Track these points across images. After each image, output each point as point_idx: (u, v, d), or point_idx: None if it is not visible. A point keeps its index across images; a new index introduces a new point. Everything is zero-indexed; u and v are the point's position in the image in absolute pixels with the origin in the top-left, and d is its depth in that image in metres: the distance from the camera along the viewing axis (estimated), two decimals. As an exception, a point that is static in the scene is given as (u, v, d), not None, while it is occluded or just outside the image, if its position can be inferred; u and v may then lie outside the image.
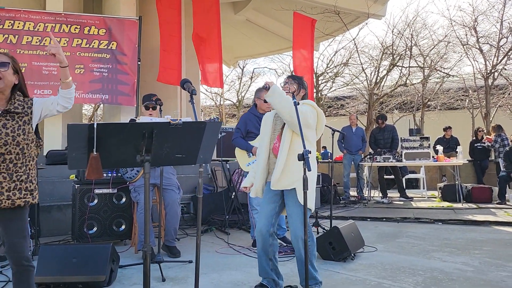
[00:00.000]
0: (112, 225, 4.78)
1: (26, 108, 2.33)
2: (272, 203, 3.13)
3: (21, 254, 2.30)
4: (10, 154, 2.23)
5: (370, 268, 3.83)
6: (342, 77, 17.66)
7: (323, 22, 10.45)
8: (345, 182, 8.92)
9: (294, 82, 3.19)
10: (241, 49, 14.83)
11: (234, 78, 22.26)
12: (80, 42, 7.21)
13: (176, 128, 1.92)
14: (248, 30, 12.83)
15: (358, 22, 12.17)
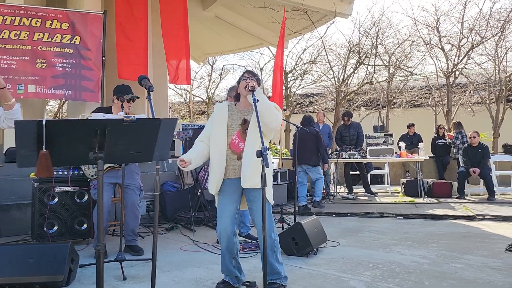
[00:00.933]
0: (73, 224, 4.68)
1: None
2: (234, 202, 3.12)
3: None
4: None
5: (332, 263, 3.91)
6: (311, 75, 17.84)
7: (292, 20, 10.53)
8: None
9: (255, 78, 3.16)
10: (211, 46, 14.76)
11: (204, 74, 22.11)
12: (41, 36, 7.00)
13: (130, 125, 1.90)
14: (217, 26, 12.78)
15: (325, 21, 12.31)
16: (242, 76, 3.20)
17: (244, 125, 3.09)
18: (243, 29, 12.90)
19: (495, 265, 3.74)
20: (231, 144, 3.09)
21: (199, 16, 11.74)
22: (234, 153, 3.08)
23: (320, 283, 3.31)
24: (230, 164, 3.09)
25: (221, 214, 3.11)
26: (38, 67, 6.95)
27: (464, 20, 13.49)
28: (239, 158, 3.07)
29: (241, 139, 3.07)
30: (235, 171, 3.09)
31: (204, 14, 11.84)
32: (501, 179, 8.76)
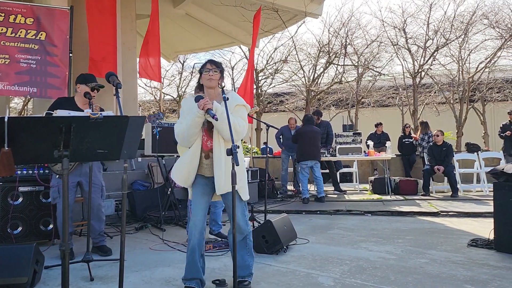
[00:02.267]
0: (38, 225, 4.55)
1: None
2: (206, 196, 3.06)
3: None
4: None
5: (301, 260, 3.96)
6: (282, 74, 17.98)
7: (263, 19, 10.54)
8: (283, 175, 9.10)
9: (218, 70, 3.01)
10: (181, 44, 14.62)
11: (175, 73, 21.91)
12: (4, 31, 6.76)
13: (97, 122, 1.87)
14: (188, 24, 12.68)
15: (296, 20, 12.42)
16: (204, 67, 3.03)
17: (210, 123, 2.96)
18: (214, 27, 12.85)
19: (457, 259, 3.88)
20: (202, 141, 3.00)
21: (170, 14, 11.63)
22: (203, 151, 3.01)
23: (290, 280, 3.35)
24: (201, 161, 3.01)
25: (195, 207, 3.03)
26: (1, 63, 6.71)
27: (430, 22, 13.91)
28: (206, 157, 3.00)
29: (209, 137, 2.99)
30: (205, 169, 3.02)
31: (175, 11, 11.73)
32: (464, 176, 9.07)
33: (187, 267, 3.03)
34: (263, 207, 6.76)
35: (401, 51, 14.60)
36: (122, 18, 8.38)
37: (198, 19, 12.45)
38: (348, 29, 14.58)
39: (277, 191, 8.94)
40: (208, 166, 3.01)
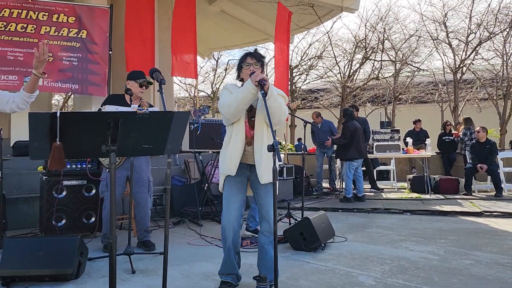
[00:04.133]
0: (81, 218, 4.69)
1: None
2: (240, 193, 3.01)
3: None
4: None
5: (340, 258, 3.90)
6: (316, 70, 17.81)
7: (298, 15, 10.48)
8: (318, 173, 9.01)
9: (258, 63, 2.92)
10: (216, 41, 14.72)
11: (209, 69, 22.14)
12: (48, 30, 6.99)
13: (143, 117, 1.89)
14: (223, 21, 12.75)
15: (332, 15, 12.25)
16: (245, 61, 2.95)
17: (250, 112, 2.95)
18: (248, 23, 12.85)
19: (504, 261, 3.71)
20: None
21: (205, 11, 11.71)
22: (246, 137, 2.97)
23: (329, 278, 3.30)
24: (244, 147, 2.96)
25: (228, 206, 2.98)
26: (45, 61, 6.95)
27: (472, 15, 13.41)
28: (249, 144, 2.97)
29: (248, 126, 2.97)
30: (246, 156, 2.97)
31: (210, 8, 11.82)
32: (508, 175, 8.71)
33: (223, 263, 3.04)
34: (299, 204, 6.73)
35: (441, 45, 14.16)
36: (159, 16, 8.50)
37: (232, 15, 12.49)
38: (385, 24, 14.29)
39: (313, 188, 8.85)
40: (249, 153, 2.98)
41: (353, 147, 7.48)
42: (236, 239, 3.01)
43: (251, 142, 2.97)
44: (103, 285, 3.14)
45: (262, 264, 3.01)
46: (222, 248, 3.06)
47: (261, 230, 3.03)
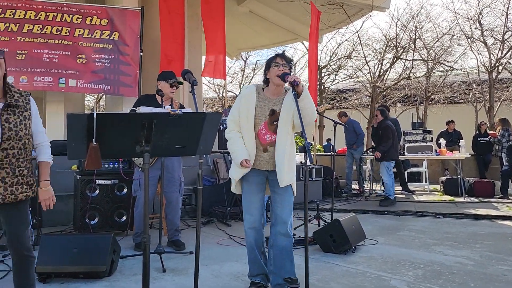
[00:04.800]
0: (113, 216, 4.79)
1: (25, 104, 2.31)
2: (260, 192, 2.97)
3: (22, 244, 2.32)
4: (13, 149, 2.22)
5: (371, 261, 3.83)
6: (345, 70, 17.62)
7: (327, 14, 10.38)
8: (347, 174, 8.90)
9: (288, 66, 2.89)
10: (244, 41, 14.77)
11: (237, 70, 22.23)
12: (82, 32, 7.18)
13: (176, 118, 1.91)
14: (251, 21, 12.77)
15: (361, 15, 12.10)
16: (274, 61, 2.90)
17: (272, 116, 2.91)
18: (277, 23, 12.84)
19: (545, 268, 3.57)
20: (258, 135, 2.93)
21: (234, 11, 11.76)
22: (260, 144, 2.93)
23: (360, 282, 3.25)
24: (257, 155, 2.93)
25: (249, 206, 2.96)
26: (78, 62, 7.15)
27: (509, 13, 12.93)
28: (264, 150, 2.93)
29: (268, 130, 2.92)
30: (261, 163, 2.94)
31: (239, 9, 11.86)
32: (547, 178, 8.35)
33: (250, 264, 3.04)
34: (328, 205, 6.67)
35: (476, 44, 13.74)
36: (188, 17, 8.59)
37: (261, 16, 12.50)
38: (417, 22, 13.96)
39: (342, 189, 8.75)
40: (265, 159, 2.94)
41: (393, 147, 7.27)
42: (259, 239, 3.00)
43: (267, 148, 2.94)
44: (135, 283, 3.19)
45: (282, 266, 2.92)
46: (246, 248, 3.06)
47: (276, 231, 2.93)
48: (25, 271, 2.35)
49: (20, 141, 2.25)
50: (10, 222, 2.28)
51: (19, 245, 2.31)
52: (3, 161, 2.19)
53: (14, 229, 2.29)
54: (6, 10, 6.75)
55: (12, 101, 2.25)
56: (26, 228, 2.36)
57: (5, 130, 2.19)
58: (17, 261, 2.33)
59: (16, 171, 2.25)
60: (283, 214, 2.90)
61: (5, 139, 2.19)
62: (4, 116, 2.20)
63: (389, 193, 7.18)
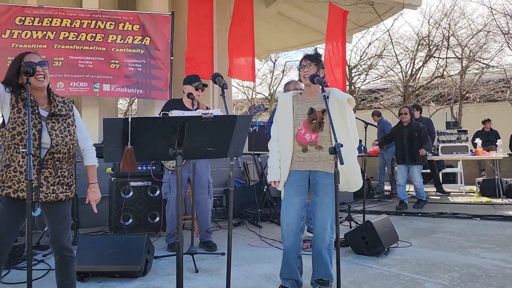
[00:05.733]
0: (147, 217, 4.89)
1: (67, 111, 2.45)
2: (300, 195, 2.95)
3: (63, 244, 2.42)
4: (59, 153, 2.35)
5: (404, 263, 3.77)
6: (376, 69, 17.34)
7: (356, 14, 10.26)
8: (378, 175, 8.78)
9: (312, 63, 2.94)
10: (273, 42, 14.78)
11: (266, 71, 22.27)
12: (115, 38, 7.37)
13: (207, 121, 1.94)
14: (280, 23, 12.77)
15: (392, 13, 11.88)
16: (300, 63, 3.02)
17: (311, 115, 2.93)
18: (306, 24, 12.78)
19: None
20: (297, 135, 2.95)
21: (262, 13, 11.79)
22: (300, 144, 2.95)
23: (393, 284, 3.20)
24: (295, 156, 2.96)
25: (287, 208, 2.96)
26: (112, 67, 7.35)
27: (548, 7, 12.43)
28: (304, 150, 2.94)
29: (308, 129, 2.93)
30: (301, 163, 2.95)
31: (267, 11, 11.88)
32: None
33: (283, 267, 3.03)
34: (359, 207, 6.60)
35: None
36: (217, 21, 8.67)
37: (290, 17, 12.48)
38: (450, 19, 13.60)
39: (373, 190, 8.62)
40: (305, 159, 2.95)
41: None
42: (296, 242, 2.97)
43: (307, 148, 2.94)
44: (169, 283, 3.25)
45: (319, 266, 2.94)
46: (281, 250, 3.06)
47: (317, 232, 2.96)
48: (66, 271, 2.45)
49: (66, 146, 2.38)
50: (51, 222, 2.39)
51: (60, 244, 2.41)
52: (47, 162, 2.32)
53: (55, 229, 2.40)
54: (43, 19, 7.02)
55: (56, 110, 2.39)
56: (66, 229, 2.46)
57: (52, 136, 2.32)
58: (59, 260, 2.44)
59: (58, 172, 2.37)
60: (322, 218, 2.90)
61: (54, 144, 2.32)
62: (50, 125, 2.34)
63: (423, 195, 7.01)
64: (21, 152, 2.26)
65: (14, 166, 2.28)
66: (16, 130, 2.26)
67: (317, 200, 2.94)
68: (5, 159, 2.31)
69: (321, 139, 2.94)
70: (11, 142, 2.28)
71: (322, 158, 2.94)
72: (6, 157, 2.30)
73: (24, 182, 2.27)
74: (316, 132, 2.93)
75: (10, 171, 2.28)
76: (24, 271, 3.56)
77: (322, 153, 2.94)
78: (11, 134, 2.26)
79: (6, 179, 2.28)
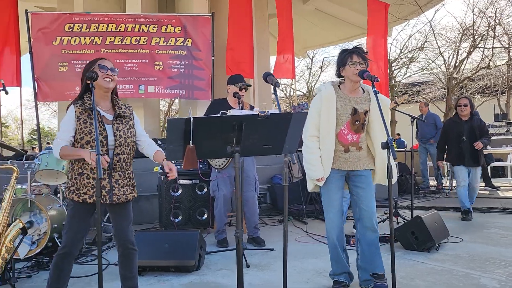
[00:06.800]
0: (195, 214, 5.03)
1: (129, 114, 2.61)
2: (339, 190, 2.99)
3: (128, 238, 2.58)
4: (123, 154, 2.50)
5: (457, 259, 3.71)
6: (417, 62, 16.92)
7: (396, 6, 10.07)
8: (421, 170, 8.59)
9: (365, 62, 2.88)
10: (311, 39, 14.72)
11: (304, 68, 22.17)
12: (158, 41, 7.58)
13: (264, 119, 2.00)
14: (317, 19, 12.70)
15: (434, 4, 11.59)
16: (350, 59, 2.87)
17: (354, 116, 2.93)
18: (344, 19, 12.66)
19: None
20: (338, 135, 2.95)
21: (299, 10, 11.76)
22: (342, 144, 2.96)
23: (447, 279, 3.16)
24: (337, 155, 2.96)
25: (329, 204, 3.00)
26: (156, 69, 7.57)
27: None
28: (346, 151, 2.95)
29: (350, 130, 2.94)
30: (342, 163, 2.97)
31: (304, 7, 11.86)
32: None
33: (333, 262, 3.06)
34: (405, 202, 6.51)
35: None
36: (256, 19, 8.74)
37: (327, 12, 12.40)
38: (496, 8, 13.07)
39: (418, 186, 8.45)
40: (347, 160, 2.97)
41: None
42: (340, 237, 3.03)
43: (349, 148, 2.96)
44: (221, 277, 3.35)
45: (370, 261, 2.94)
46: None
47: (363, 226, 2.97)
48: (130, 263, 2.60)
49: (128, 147, 2.53)
50: (118, 219, 2.55)
51: (125, 238, 2.57)
52: (116, 165, 2.47)
53: (121, 225, 2.55)
54: (90, 25, 7.32)
55: (121, 112, 2.55)
56: (130, 224, 2.62)
57: (116, 137, 2.47)
58: (123, 253, 2.59)
59: (126, 173, 2.52)
60: (369, 208, 2.94)
61: (117, 145, 2.47)
62: (115, 125, 2.50)
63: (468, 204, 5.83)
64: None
65: (86, 174, 2.45)
66: (85, 140, 2.43)
67: (360, 192, 2.97)
68: (78, 167, 2.47)
69: (361, 139, 2.99)
70: None
71: (362, 157, 3.01)
72: (78, 166, 2.47)
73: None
74: (358, 133, 2.96)
75: (83, 178, 2.45)
76: (86, 265, 3.77)
77: (361, 152, 3.01)
78: (80, 144, 2.44)
79: (81, 186, 2.45)
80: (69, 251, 2.46)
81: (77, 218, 2.47)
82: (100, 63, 2.51)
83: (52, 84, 7.21)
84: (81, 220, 2.48)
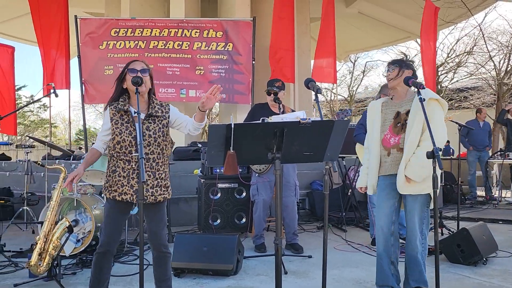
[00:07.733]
0: (234, 218, 5.05)
1: (164, 113, 2.60)
2: (391, 198, 2.93)
3: (161, 241, 2.60)
4: (153, 154, 2.52)
5: (506, 275, 3.51)
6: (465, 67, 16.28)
7: (444, 9, 9.74)
8: (470, 180, 8.24)
9: (395, 67, 2.94)
10: (353, 43, 14.50)
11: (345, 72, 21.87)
12: (200, 45, 7.69)
13: (305, 126, 1.97)
14: (360, 22, 12.50)
15: (484, 6, 11.14)
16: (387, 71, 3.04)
17: (396, 119, 2.90)
18: (387, 23, 12.40)
19: None
20: (383, 140, 2.95)
21: (342, 13, 11.60)
22: (385, 148, 2.93)
23: (496, 297, 3.00)
24: (382, 161, 2.94)
25: (378, 212, 3.01)
26: (197, 74, 7.69)
27: None
28: (388, 154, 2.91)
29: (393, 133, 2.90)
30: (386, 168, 2.92)
31: (347, 11, 11.70)
32: None
33: (377, 273, 3.00)
34: (450, 213, 6.27)
35: None
36: (297, 23, 8.69)
37: (370, 16, 12.18)
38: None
39: (465, 196, 8.11)
40: (389, 163, 2.91)
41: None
42: (387, 246, 2.94)
43: (391, 151, 2.91)
44: (259, 283, 3.33)
45: (413, 275, 2.88)
46: (370, 255, 3.04)
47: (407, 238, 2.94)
48: (164, 266, 2.63)
49: (159, 147, 2.54)
50: (150, 221, 2.58)
51: (158, 241, 2.60)
52: (145, 165, 2.47)
53: (153, 227, 2.58)
54: (135, 30, 7.53)
55: (153, 111, 2.56)
56: (163, 227, 2.64)
57: (145, 136, 2.49)
58: (157, 256, 2.62)
59: (156, 174, 2.53)
60: (410, 223, 2.87)
61: (145, 144, 2.48)
62: (145, 125, 2.52)
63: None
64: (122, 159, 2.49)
65: (118, 172, 2.52)
66: (116, 140, 2.49)
67: (406, 204, 2.92)
68: (112, 165, 2.56)
69: (402, 140, 2.88)
70: (114, 151, 2.52)
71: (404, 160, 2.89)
72: (112, 163, 2.56)
73: (126, 186, 2.50)
74: (399, 135, 2.90)
75: (115, 176, 2.52)
76: (127, 265, 3.86)
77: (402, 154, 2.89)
78: (112, 144, 2.51)
79: (112, 184, 2.53)
80: (106, 250, 2.54)
81: (110, 216, 2.55)
82: (131, 66, 2.53)
83: (98, 86, 7.48)
84: (113, 218, 2.55)
